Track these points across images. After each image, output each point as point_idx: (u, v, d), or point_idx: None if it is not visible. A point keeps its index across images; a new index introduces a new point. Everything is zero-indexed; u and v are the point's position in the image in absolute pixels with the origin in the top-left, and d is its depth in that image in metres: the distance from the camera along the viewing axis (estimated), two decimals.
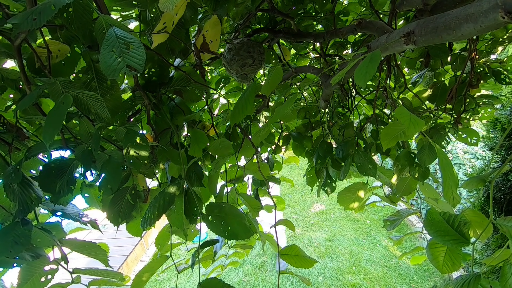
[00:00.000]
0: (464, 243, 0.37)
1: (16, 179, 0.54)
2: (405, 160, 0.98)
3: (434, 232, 0.38)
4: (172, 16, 0.58)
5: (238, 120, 0.59)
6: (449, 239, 0.37)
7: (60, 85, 0.49)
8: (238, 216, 0.62)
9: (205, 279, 0.56)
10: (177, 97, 0.83)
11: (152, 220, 0.64)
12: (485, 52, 1.21)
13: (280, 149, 1.31)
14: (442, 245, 0.40)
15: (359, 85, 0.84)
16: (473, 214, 0.54)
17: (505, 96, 2.74)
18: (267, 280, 3.38)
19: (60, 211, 0.69)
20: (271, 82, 0.56)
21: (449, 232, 0.37)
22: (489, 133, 2.90)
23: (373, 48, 0.51)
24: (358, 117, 1.32)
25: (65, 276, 0.68)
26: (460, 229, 0.37)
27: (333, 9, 0.92)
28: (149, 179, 0.88)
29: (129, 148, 0.60)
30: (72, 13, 0.53)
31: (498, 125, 2.80)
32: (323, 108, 1.10)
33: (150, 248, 4.36)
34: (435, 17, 0.40)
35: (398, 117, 0.39)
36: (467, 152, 3.57)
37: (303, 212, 4.86)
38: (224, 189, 0.92)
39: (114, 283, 0.73)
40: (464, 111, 1.18)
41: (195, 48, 0.78)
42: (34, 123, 0.77)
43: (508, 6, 0.30)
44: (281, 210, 1.34)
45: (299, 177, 5.84)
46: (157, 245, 0.87)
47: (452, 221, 0.37)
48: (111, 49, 0.40)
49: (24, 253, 0.58)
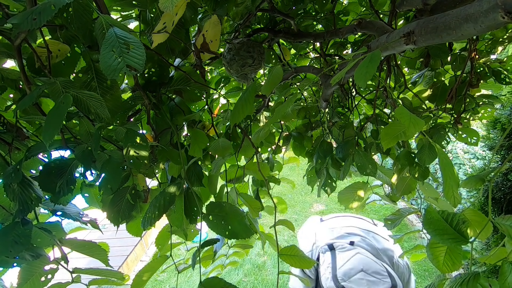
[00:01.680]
0: (463, 242, 0.37)
1: (16, 179, 0.54)
2: (405, 159, 0.98)
3: (433, 231, 0.38)
4: (172, 16, 0.58)
5: (238, 120, 0.59)
6: (447, 237, 0.37)
7: (60, 85, 0.49)
8: (239, 215, 0.62)
9: (206, 278, 0.56)
10: (177, 97, 0.83)
11: (153, 220, 0.64)
12: (485, 52, 1.21)
13: (280, 149, 1.31)
14: (441, 244, 0.40)
15: (359, 85, 0.84)
16: (473, 214, 0.54)
17: (505, 96, 2.74)
18: (267, 280, 3.38)
19: (60, 210, 0.69)
20: (271, 82, 0.56)
21: (447, 231, 0.37)
22: (489, 133, 2.90)
23: (373, 48, 0.51)
24: (358, 117, 1.32)
25: (65, 276, 0.68)
26: (458, 227, 0.37)
27: (333, 9, 0.92)
28: (149, 179, 0.88)
29: (129, 148, 0.60)
30: (72, 13, 0.53)
31: (498, 125, 2.80)
32: (323, 108, 1.10)
33: (150, 248, 4.36)
34: (435, 17, 0.40)
35: (398, 117, 0.39)
36: (467, 152, 3.57)
37: (303, 212, 4.86)
38: (224, 189, 0.92)
39: (114, 282, 0.73)
40: (464, 111, 1.18)
41: (195, 48, 0.78)
42: (34, 123, 0.77)
43: (508, 6, 0.30)
44: (283, 212, 1.34)
45: (299, 177, 5.84)
46: (157, 245, 0.88)
47: (450, 220, 0.37)
48: (111, 49, 0.40)
49: (24, 253, 0.58)
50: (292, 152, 1.34)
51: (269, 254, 3.82)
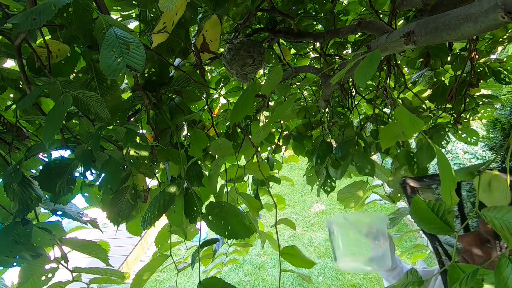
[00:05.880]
0: (449, 231, 0.38)
1: (16, 178, 0.54)
2: (404, 159, 0.98)
3: (420, 220, 0.39)
4: (172, 16, 0.58)
5: (238, 120, 0.59)
6: (434, 227, 0.38)
7: (60, 85, 0.49)
8: (238, 215, 0.62)
9: (205, 278, 0.56)
10: (177, 97, 0.83)
11: (153, 219, 0.64)
12: (485, 52, 1.21)
13: (280, 149, 1.31)
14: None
15: (359, 85, 0.84)
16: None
17: (505, 96, 2.74)
18: (267, 280, 3.39)
19: (60, 210, 0.69)
20: (271, 82, 0.56)
21: (434, 221, 0.38)
22: (489, 133, 2.90)
23: (373, 48, 0.51)
24: (358, 116, 1.32)
25: (66, 275, 0.68)
26: (444, 217, 0.38)
27: (333, 9, 0.92)
28: (149, 178, 0.88)
29: (129, 148, 0.60)
30: (72, 13, 0.53)
31: (498, 125, 2.80)
32: (323, 108, 1.10)
33: (150, 248, 4.36)
34: (435, 17, 0.40)
35: (397, 117, 0.39)
36: (467, 152, 3.57)
37: (303, 212, 4.86)
38: (224, 188, 0.93)
39: (114, 281, 0.73)
40: (464, 111, 1.18)
41: (195, 48, 0.78)
42: (34, 123, 0.77)
43: (508, 6, 0.30)
44: (281, 210, 1.34)
45: (299, 176, 5.83)
46: (156, 245, 0.88)
47: (437, 210, 0.38)
48: (111, 49, 0.40)
49: (24, 252, 0.58)
50: (292, 151, 1.35)
51: (269, 254, 3.82)
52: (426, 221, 0.39)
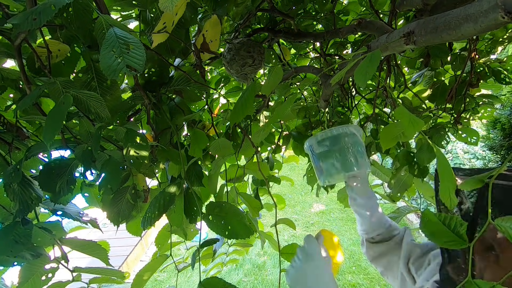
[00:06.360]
0: (462, 245, 0.36)
1: (16, 178, 0.54)
2: (404, 159, 0.98)
3: (430, 233, 0.37)
4: (172, 16, 0.58)
5: (238, 120, 0.59)
6: (446, 240, 0.36)
7: (60, 85, 0.49)
8: (238, 215, 0.63)
9: (205, 278, 0.56)
10: (177, 97, 0.83)
11: (153, 219, 0.64)
12: (485, 52, 1.21)
13: (280, 149, 1.31)
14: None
15: (359, 85, 0.84)
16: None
17: (505, 96, 2.74)
18: (267, 280, 3.39)
19: (60, 210, 0.69)
20: (271, 82, 0.56)
21: (445, 233, 0.36)
22: (489, 133, 2.90)
23: (373, 48, 0.51)
24: (358, 116, 1.32)
25: (66, 275, 0.68)
26: (457, 230, 0.36)
27: (333, 8, 0.92)
28: (149, 178, 0.88)
29: (129, 148, 0.60)
30: (72, 13, 0.53)
31: (498, 125, 2.81)
32: (323, 108, 1.10)
33: (150, 248, 4.36)
34: (435, 17, 0.40)
35: (397, 117, 0.39)
36: (467, 152, 3.57)
37: (303, 212, 4.86)
38: (224, 188, 0.93)
39: (114, 281, 0.73)
40: (464, 111, 1.18)
41: (195, 48, 0.78)
42: (34, 123, 0.77)
43: (508, 6, 0.30)
44: (281, 210, 1.34)
45: (299, 176, 5.83)
46: (157, 245, 0.88)
47: (448, 222, 0.36)
48: (111, 49, 0.40)
49: (24, 252, 0.58)
50: (291, 151, 1.34)
51: (269, 254, 3.82)
52: (437, 234, 0.37)
